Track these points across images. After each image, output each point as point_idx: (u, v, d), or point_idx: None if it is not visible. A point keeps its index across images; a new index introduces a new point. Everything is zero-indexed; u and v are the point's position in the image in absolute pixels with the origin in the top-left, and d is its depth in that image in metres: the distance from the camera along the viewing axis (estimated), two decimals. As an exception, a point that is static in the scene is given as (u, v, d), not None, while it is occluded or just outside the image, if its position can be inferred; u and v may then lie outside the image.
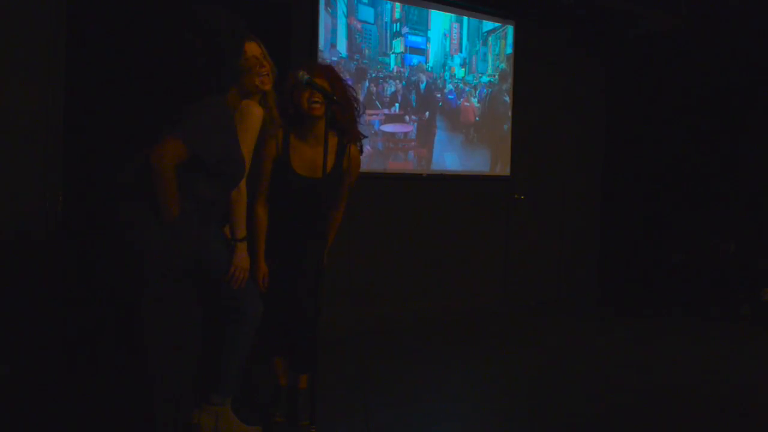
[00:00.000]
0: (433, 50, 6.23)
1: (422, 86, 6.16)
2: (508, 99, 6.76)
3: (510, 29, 6.74)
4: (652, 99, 7.65)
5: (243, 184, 3.02)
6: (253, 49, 3.11)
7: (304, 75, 3.26)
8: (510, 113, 6.78)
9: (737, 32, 7.01)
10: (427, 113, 6.19)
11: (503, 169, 6.77)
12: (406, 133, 6.09)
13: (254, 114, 2.99)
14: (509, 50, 6.75)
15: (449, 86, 6.35)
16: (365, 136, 3.30)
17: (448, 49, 6.33)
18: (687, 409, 4.19)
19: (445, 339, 5.67)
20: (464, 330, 5.99)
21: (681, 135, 7.52)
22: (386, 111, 5.93)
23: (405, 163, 6.07)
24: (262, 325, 3.60)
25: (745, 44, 7.06)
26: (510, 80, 6.77)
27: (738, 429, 3.95)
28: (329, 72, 3.44)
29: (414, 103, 6.11)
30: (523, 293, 7.00)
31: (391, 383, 4.41)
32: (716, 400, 4.36)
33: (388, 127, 5.97)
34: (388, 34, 5.90)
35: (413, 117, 6.12)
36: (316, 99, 3.31)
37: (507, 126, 6.77)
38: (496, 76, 6.68)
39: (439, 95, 6.29)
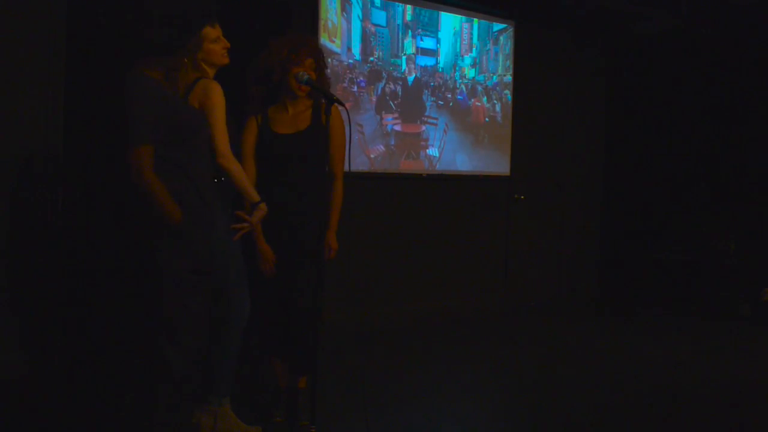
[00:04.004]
0: (444, 51, 6.24)
1: (433, 86, 6.17)
2: (510, 98, 6.77)
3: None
4: (652, 99, 7.65)
5: (229, 152, 3.04)
6: (217, 30, 3.23)
7: (303, 75, 3.35)
8: (510, 113, 6.79)
9: (737, 32, 7.01)
10: (437, 114, 6.21)
11: (504, 169, 6.78)
12: (418, 134, 6.11)
13: (216, 89, 3.08)
14: (512, 50, 6.76)
15: (460, 86, 6.36)
16: (341, 103, 3.33)
17: (458, 50, 6.34)
18: (687, 408, 4.19)
19: (445, 339, 5.67)
20: (464, 330, 5.99)
21: (681, 135, 7.52)
22: (399, 111, 5.97)
23: (416, 162, 6.09)
24: (262, 326, 3.61)
25: (745, 44, 7.06)
26: (511, 80, 6.78)
27: (738, 428, 3.95)
28: (313, 49, 3.50)
29: (426, 104, 6.13)
30: (523, 293, 7.00)
31: (391, 383, 4.41)
32: (716, 400, 4.37)
33: (400, 128, 6.00)
34: (400, 37, 5.94)
35: (424, 117, 6.14)
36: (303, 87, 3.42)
37: (508, 125, 6.78)
38: (507, 75, 6.70)
39: (449, 95, 6.30)
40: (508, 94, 6.74)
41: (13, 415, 3.65)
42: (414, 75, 6.06)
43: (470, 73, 6.43)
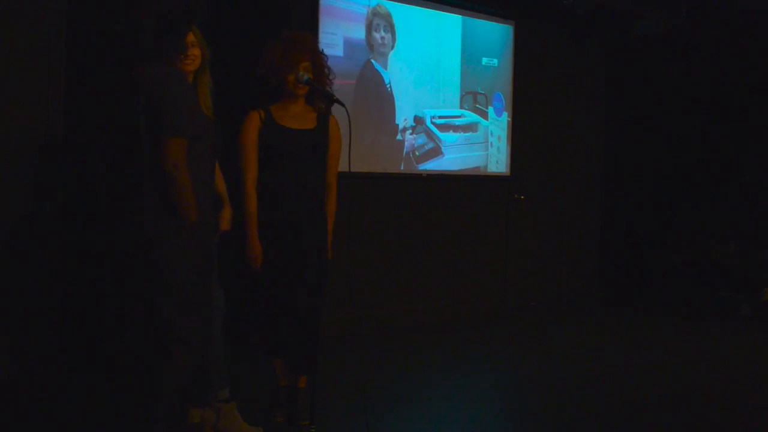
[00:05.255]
0: (439, 51, 6.23)
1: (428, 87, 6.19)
2: (510, 98, 6.77)
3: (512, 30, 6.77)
4: (652, 99, 7.65)
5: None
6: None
7: (303, 75, 3.35)
8: (510, 113, 6.79)
9: (737, 32, 7.01)
10: (431, 114, 6.22)
11: (505, 168, 6.78)
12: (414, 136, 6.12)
13: None
14: (512, 50, 6.76)
15: (455, 87, 6.36)
16: (341, 103, 3.33)
17: (452, 50, 6.33)
18: (687, 408, 4.19)
19: (445, 339, 5.67)
20: (464, 330, 5.99)
21: (681, 135, 7.52)
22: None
23: (410, 163, 6.08)
24: (263, 326, 3.61)
25: (745, 44, 7.06)
26: (510, 80, 6.78)
27: (738, 429, 3.95)
28: (308, 51, 3.48)
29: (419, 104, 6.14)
30: (523, 293, 7.00)
31: (391, 383, 4.41)
32: (716, 399, 4.36)
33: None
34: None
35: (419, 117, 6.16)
36: (301, 85, 3.41)
37: (509, 126, 6.78)
38: (500, 76, 6.69)
39: (446, 95, 6.30)
40: (508, 93, 6.75)
41: (12, 415, 3.65)
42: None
43: (466, 72, 6.43)
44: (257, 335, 3.70)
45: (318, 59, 3.51)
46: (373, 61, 5.77)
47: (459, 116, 6.42)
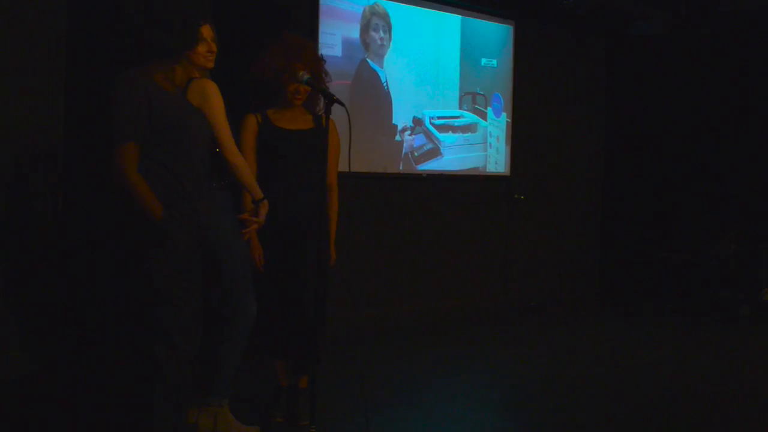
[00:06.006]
0: (438, 52, 6.23)
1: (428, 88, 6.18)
2: (509, 98, 6.77)
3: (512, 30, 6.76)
4: (652, 99, 7.65)
5: (234, 147, 3.00)
6: (208, 31, 3.15)
7: (304, 75, 3.34)
8: (510, 113, 6.79)
9: (737, 32, 7.01)
10: (430, 115, 6.22)
11: (504, 169, 6.78)
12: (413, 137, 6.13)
13: (213, 87, 3.00)
14: (512, 51, 6.76)
15: (454, 87, 6.36)
16: (340, 102, 3.31)
17: (452, 50, 6.32)
18: (687, 408, 4.19)
19: (445, 339, 5.67)
20: (464, 330, 5.99)
21: (681, 135, 7.52)
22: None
23: (409, 164, 6.08)
24: (264, 326, 3.60)
25: (744, 44, 7.06)
26: (511, 80, 6.78)
27: (738, 429, 3.95)
28: (309, 60, 3.48)
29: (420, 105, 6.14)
30: (523, 293, 7.00)
31: (391, 383, 4.41)
32: (716, 400, 4.36)
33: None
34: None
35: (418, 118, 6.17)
36: (301, 92, 3.45)
37: (507, 126, 6.78)
38: (499, 76, 6.69)
39: (445, 95, 6.30)
40: (507, 94, 6.75)
41: (13, 415, 3.65)
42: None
43: (465, 73, 6.42)
44: (259, 336, 3.69)
45: (318, 68, 3.50)
46: (369, 60, 5.77)
47: (458, 117, 6.42)
